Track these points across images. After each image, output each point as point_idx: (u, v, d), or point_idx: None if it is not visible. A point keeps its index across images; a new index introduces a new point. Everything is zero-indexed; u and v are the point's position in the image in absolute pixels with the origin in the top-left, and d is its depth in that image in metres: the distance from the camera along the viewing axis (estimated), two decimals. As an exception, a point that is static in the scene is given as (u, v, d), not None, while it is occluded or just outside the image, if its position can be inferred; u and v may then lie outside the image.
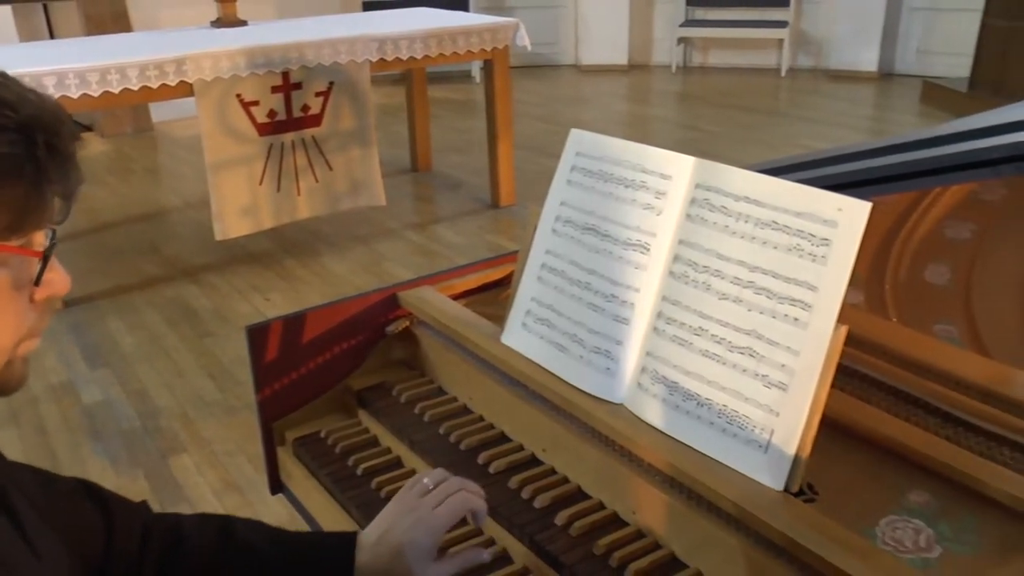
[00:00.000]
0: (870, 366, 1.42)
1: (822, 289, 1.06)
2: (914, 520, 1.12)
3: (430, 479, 1.21)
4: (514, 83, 5.49)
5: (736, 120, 7.50)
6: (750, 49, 9.42)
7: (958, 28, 7.97)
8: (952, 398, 1.33)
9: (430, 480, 1.21)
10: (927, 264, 1.91)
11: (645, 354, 1.23)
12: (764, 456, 1.09)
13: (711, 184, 1.20)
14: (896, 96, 8.26)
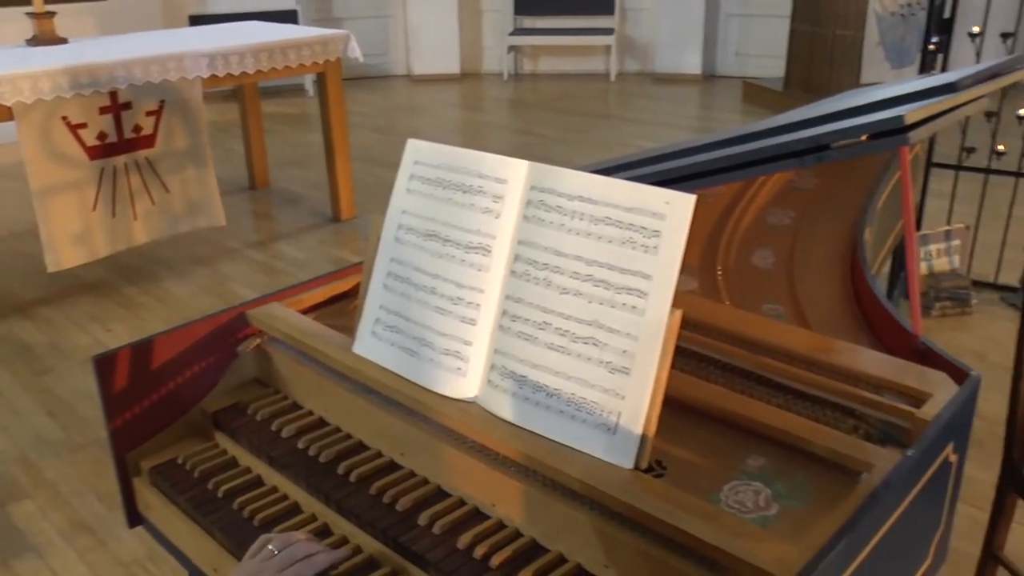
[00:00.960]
0: (708, 347, 1.52)
1: (656, 277, 1.13)
2: (754, 483, 1.22)
3: (275, 544, 1.22)
4: (348, 95, 5.48)
5: (569, 124, 7.71)
6: (579, 55, 9.71)
7: (771, 32, 8.49)
8: (781, 369, 1.44)
9: (275, 545, 1.22)
10: (754, 250, 2.05)
11: (493, 352, 1.28)
12: (613, 438, 1.15)
13: (545, 185, 1.26)
14: (719, 96, 8.70)
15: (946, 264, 4.20)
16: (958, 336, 3.95)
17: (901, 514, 1.20)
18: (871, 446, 1.24)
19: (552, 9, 9.43)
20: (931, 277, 4.17)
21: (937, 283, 4.13)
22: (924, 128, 1.18)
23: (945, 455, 1.31)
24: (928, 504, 1.32)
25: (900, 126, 1.11)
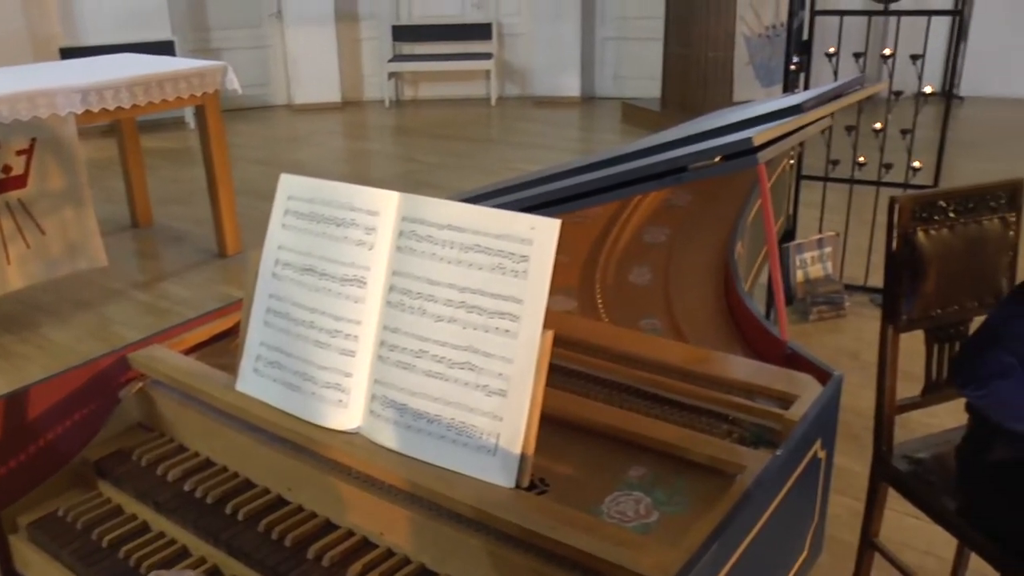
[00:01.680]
0: (588, 364, 1.57)
1: (526, 301, 1.17)
2: (634, 492, 1.27)
3: None
4: (229, 127, 5.41)
5: (452, 149, 7.77)
6: (459, 81, 9.79)
7: (646, 55, 8.75)
8: (658, 382, 1.50)
9: None
10: (631, 267, 2.12)
11: (374, 382, 1.30)
12: (494, 459, 1.18)
13: (416, 216, 1.28)
14: (599, 117, 8.90)
15: (820, 270, 4.39)
16: (834, 337, 4.13)
17: (775, 510, 1.26)
18: (744, 449, 1.30)
19: (430, 35, 9.51)
20: (807, 283, 4.35)
21: (813, 289, 4.32)
22: (773, 148, 1.25)
23: (814, 451, 1.39)
24: (801, 499, 1.39)
25: (749, 147, 1.18)
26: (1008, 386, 1.72)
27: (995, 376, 1.73)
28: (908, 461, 2.17)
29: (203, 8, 9.11)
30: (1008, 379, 1.72)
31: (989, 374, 1.74)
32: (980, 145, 7.46)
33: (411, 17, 9.63)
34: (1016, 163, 6.84)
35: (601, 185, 1.29)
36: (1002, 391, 1.73)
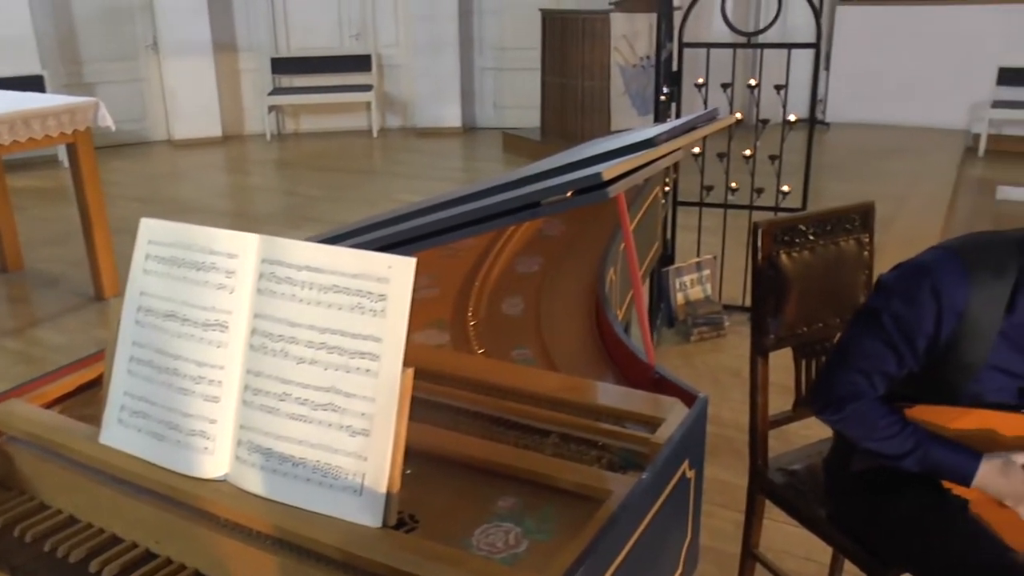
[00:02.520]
0: (458, 398, 1.58)
1: (385, 339, 1.18)
2: (504, 523, 1.28)
3: None
4: (105, 164, 5.25)
5: (334, 182, 7.73)
6: (340, 113, 9.75)
7: (525, 85, 8.88)
8: (528, 412, 1.53)
9: None
10: (504, 298, 2.14)
11: (239, 427, 1.28)
12: (360, 499, 1.18)
13: (275, 258, 1.28)
14: (480, 147, 8.99)
15: (700, 292, 4.52)
16: (715, 356, 4.25)
17: (644, 530, 1.29)
18: (611, 474, 1.33)
19: (310, 68, 9.45)
20: (688, 305, 4.47)
21: (693, 310, 4.44)
22: (624, 181, 1.29)
23: (682, 471, 1.43)
24: (672, 518, 1.43)
25: (599, 182, 1.22)
26: (861, 407, 1.80)
27: (848, 399, 1.80)
28: (783, 473, 2.25)
29: (74, 40, 8.81)
30: (860, 400, 1.80)
31: (842, 397, 1.81)
32: (845, 168, 7.81)
33: (290, 49, 9.55)
34: (878, 184, 7.20)
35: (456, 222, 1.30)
36: (856, 413, 1.81)
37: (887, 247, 1.93)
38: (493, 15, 9.43)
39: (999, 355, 1.70)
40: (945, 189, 7.14)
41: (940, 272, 1.68)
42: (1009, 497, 1.71)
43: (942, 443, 1.75)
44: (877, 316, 1.75)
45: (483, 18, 9.50)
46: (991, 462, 1.71)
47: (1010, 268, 1.66)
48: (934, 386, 1.77)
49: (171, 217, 1.48)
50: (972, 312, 1.66)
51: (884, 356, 1.75)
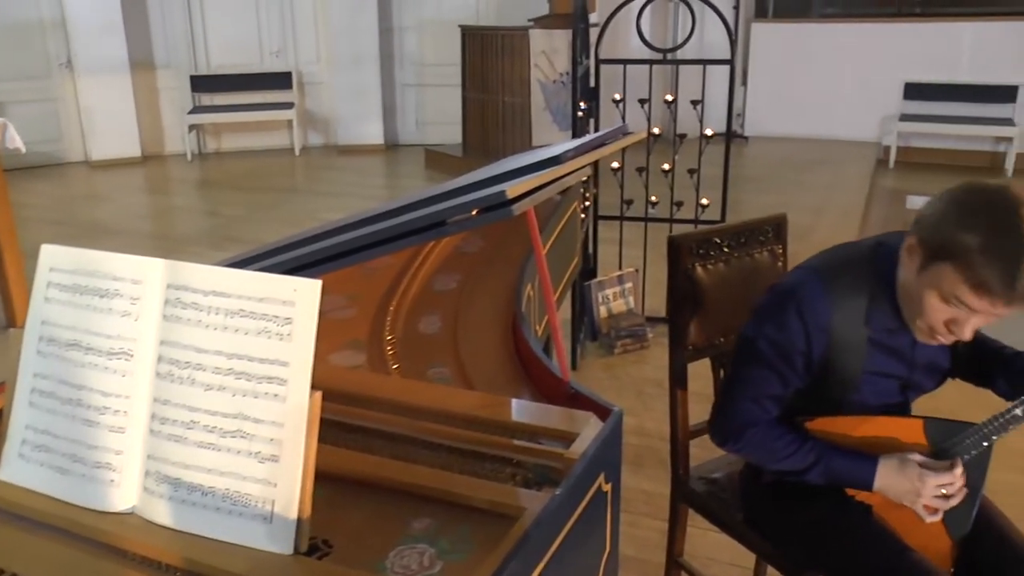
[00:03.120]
0: (372, 419, 1.56)
1: (293, 363, 1.17)
2: (419, 544, 1.27)
3: None
4: (17, 186, 5.10)
5: (257, 201, 7.63)
6: (262, 131, 9.64)
7: (446, 101, 8.88)
8: (443, 431, 1.52)
9: None
10: (421, 317, 2.14)
11: (147, 458, 1.25)
12: (270, 527, 1.16)
13: (180, 283, 1.26)
14: (403, 164, 8.98)
15: (623, 305, 4.57)
16: (640, 368, 4.29)
17: (560, 545, 1.30)
18: (526, 491, 1.34)
19: (230, 85, 9.33)
20: (611, 318, 4.52)
21: (617, 323, 4.48)
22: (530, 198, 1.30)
23: (597, 485, 1.44)
24: (589, 531, 1.44)
25: (504, 200, 1.23)
26: (759, 432, 1.86)
27: (744, 427, 1.86)
28: (704, 482, 2.29)
29: (-16, 58, 8.57)
30: (756, 427, 1.85)
31: (738, 427, 1.87)
32: (765, 180, 7.99)
33: (209, 66, 9.41)
34: (796, 196, 7.38)
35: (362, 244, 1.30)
36: (755, 440, 1.86)
37: (805, 256, 1.98)
38: (413, 31, 9.44)
39: (873, 362, 1.79)
40: (859, 199, 7.35)
41: (802, 294, 1.76)
42: (906, 495, 1.77)
43: (841, 453, 1.81)
44: (754, 343, 1.82)
45: (403, 34, 9.50)
46: (888, 463, 1.78)
47: (863, 284, 1.75)
48: (822, 399, 1.85)
49: (89, 240, 1.45)
50: (837, 328, 1.75)
51: (768, 380, 1.82)
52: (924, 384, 1.89)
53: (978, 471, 1.79)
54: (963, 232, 1.52)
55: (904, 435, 1.81)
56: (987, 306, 1.54)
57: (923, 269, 1.61)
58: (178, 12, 9.21)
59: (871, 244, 1.81)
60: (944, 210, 1.58)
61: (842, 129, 9.43)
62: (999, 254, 1.49)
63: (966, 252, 1.51)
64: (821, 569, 1.90)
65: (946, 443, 1.78)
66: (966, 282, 1.53)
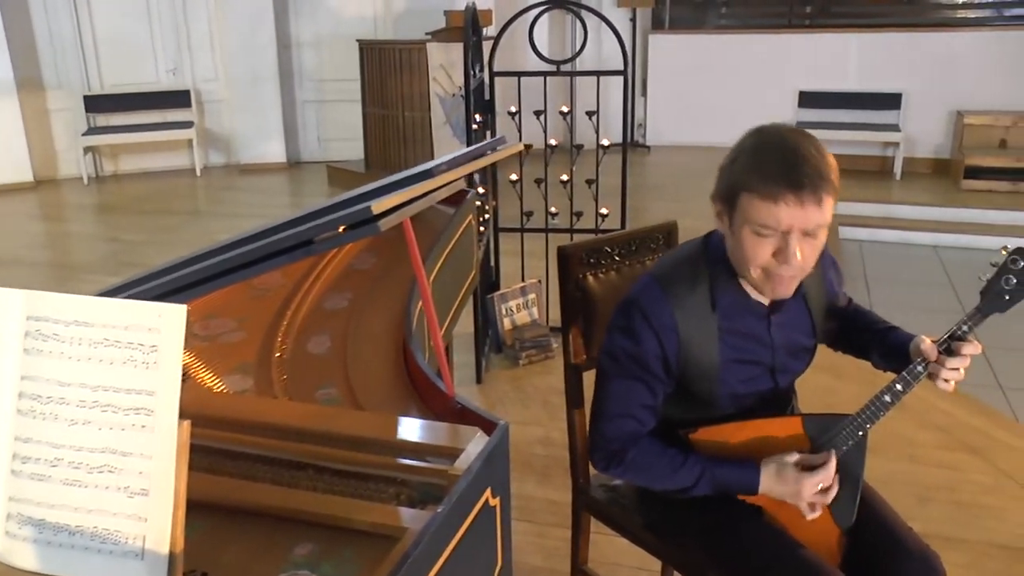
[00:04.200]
0: (255, 444, 1.54)
1: (160, 392, 1.14)
2: (301, 571, 1.25)
3: None
4: None
5: (158, 225, 7.44)
6: (161, 151, 9.40)
7: (347, 117, 8.77)
8: (326, 454, 1.50)
9: None
10: (311, 337, 2.11)
11: (8, 500, 1.21)
12: (142, 563, 1.13)
13: (41, 314, 1.21)
14: (306, 182, 8.87)
15: (527, 316, 4.59)
16: (545, 379, 4.31)
17: (446, 562, 1.29)
18: (408, 510, 1.33)
19: (126, 105, 9.05)
20: (515, 330, 4.53)
21: (521, 334, 4.50)
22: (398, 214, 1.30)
23: (484, 500, 1.44)
24: (476, 547, 1.44)
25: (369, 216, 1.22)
26: (640, 452, 1.88)
27: (625, 447, 1.88)
28: (605, 489, 2.31)
29: None
30: (637, 443, 1.87)
31: (619, 449, 1.89)
32: (667, 189, 8.13)
33: (103, 86, 9.12)
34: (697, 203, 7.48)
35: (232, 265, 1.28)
36: (637, 460, 1.88)
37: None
38: (311, 47, 9.34)
39: (729, 349, 1.83)
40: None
41: (643, 301, 1.81)
42: (789, 497, 1.82)
43: (724, 463, 1.84)
44: (613, 358, 1.86)
45: (301, 50, 9.39)
46: (768, 469, 1.82)
47: (702, 272, 1.81)
48: (693, 399, 1.88)
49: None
50: (683, 324, 1.79)
51: (635, 390, 1.85)
52: (791, 366, 1.93)
53: (857, 460, 1.84)
54: (738, 166, 1.64)
55: (785, 434, 1.86)
56: (789, 213, 1.60)
57: (731, 221, 1.69)
58: (67, 31, 8.91)
59: (702, 237, 1.89)
60: (721, 165, 1.70)
61: (740, 137, 9.64)
62: (769, 158, 1.61)
63: (746, 178, 1.62)
64: (719, 570, 1.93)
65: (824, 437, 1.83)
66: (760, 199, 1.61)
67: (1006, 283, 1.68)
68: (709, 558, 1.95)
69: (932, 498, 3.29)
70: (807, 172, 1.58)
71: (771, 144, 1.62)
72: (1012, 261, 1.68)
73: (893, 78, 9.06)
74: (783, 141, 1.62)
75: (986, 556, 2.99)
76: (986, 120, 8.82)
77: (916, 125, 9.12)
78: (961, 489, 3.38)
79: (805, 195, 1.58)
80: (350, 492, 1.39)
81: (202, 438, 1.52)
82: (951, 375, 1.73)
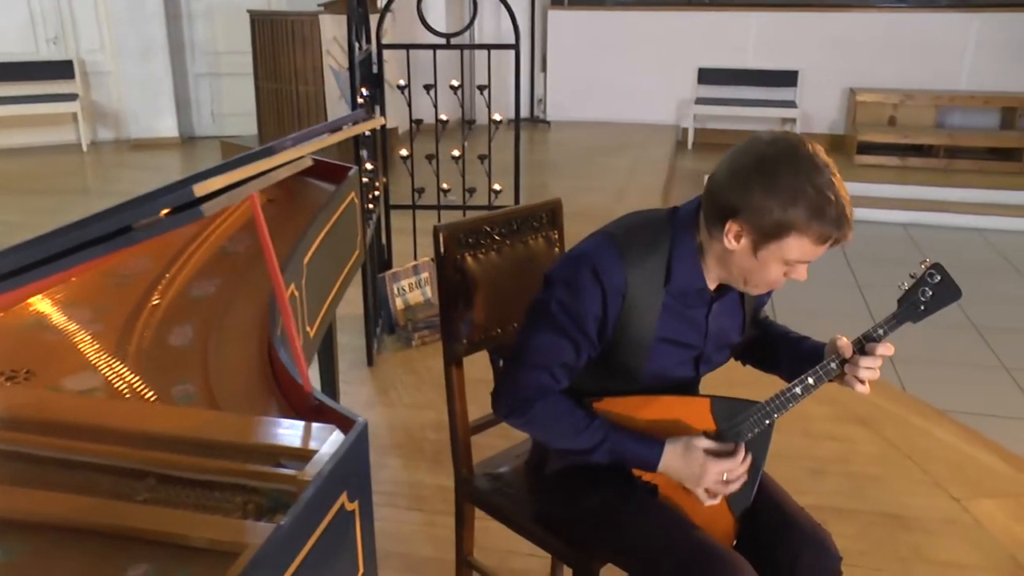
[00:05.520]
0: (91, 453, 1.40)
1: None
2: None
3: None
4: None
5: (39, 206, 7.05)
6: (43, 126, 8.90)
7: (242, 91, 8.44)
8: (169, 460, 1.37)
9: None
10: (173, 328, 1.97)
11: None
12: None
13: None
14: (199, 159, 8.54)
15: (419, 296, 4.48)
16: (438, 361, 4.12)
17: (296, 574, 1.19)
18: (252, 522, 1.22)
19: (2, 75, 8.54)
20: (407, 310, 4.42)
21: (413, 315, 4.39)
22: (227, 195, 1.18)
23: (339, 505, 1.33)
24: (332, 555, 1.33)
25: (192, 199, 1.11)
26: (547, 406, 1.81)
27: (533, 398, 1.81)
28: (489, 478, 2.24)
29: None
30: (546, 398, 1.80)
31: (527, 397, 1.82)
32: (568, 165, 8.09)
33: (-23, 55, 8.61)
34: (599, 179, 7.51)
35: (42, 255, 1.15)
36: (542, 413, 1.82)
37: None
38: (202, 18, 8.98)
39: (666, 327, 1.78)
40: (660, 180, 7.56)
41: (597, 257, 1.72)
42: (688, 480, 1.79)
43: (628, 433, 1.80)
44: (546, 308, 1.77)
45: (192, 21, 9.03)
46: (674, 447, 1.78)
47: (662, 242, 1.74)
48: (615, 370, 1.82)
49: None
50: (633, 290, 1.72)
51: (560, 347, 1.77)
52: (715, 358, 1.90)
53: (760, 448, 1.83)
54: (788, 207, 1.55)
55: (691, 415, 1.82)
56: (830, 246, 1.62)
57: (760, 248, 1.63)
58: (-66, -3, 8.41)
59: (668, 209, 1.81)
60: (751, 187, 1.59)
61: (642, 113, 9.69)
62: (826, 204, 1.55)
63: (801, 222, 1.56)
64: (613, 559, 1.89)
65: (731, 422, 1.80)
66: (812, 243, 1.59)
67: (922, 295, 1.72)
68: (601, 547, 1.90)
69: (825, 471, 3.33)
70: (850, 215, 1.59)
71: (825, 185, 1.56)
72: (929, 275, 1.72)
73: (790, 56, 9.21)
74: (832, 184, 1.57)
75: (873, 525, 3.05)
76: (877, 98, 9.05)
77: (812, 102, 9.31)
78: (852, 461, 3.44)
79: (850, 227, 1.60)
80: (193, 503, 1.27)
81: (32, 446, 1.38)
82: (865, 374, 1.74)
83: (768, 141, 1.60)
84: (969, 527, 3.07)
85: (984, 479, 3.37)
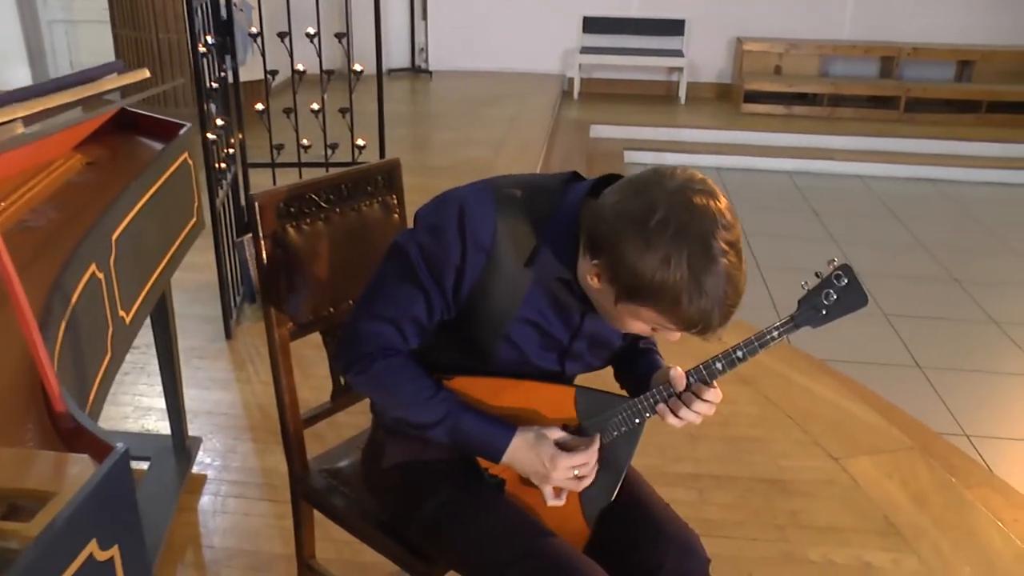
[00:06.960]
0: None
1: None
2: None
3: None
4: None
5: None
6: None
7: (99, 39, 7.84)
8: None
9: None
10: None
11: None
12: None
13: None
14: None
15: (284, 260, 4.19)
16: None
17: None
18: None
19: None
20: (270, 277, 4.13)
21: (277, 282, 4.10)
22: None
23: (85, 557, 1.08)
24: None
25: None
26: (389, 366, 1.58)
27: (377, 354, 1.58)
28: (325, 475, 2.03)
29: None
30: (391, 356, 1.58)
31: (368, 353, 1.59)
32: (449, 116, 7.82)
33: None
34: (481, 130, 7.26)
35: None
36: (385, 371, 1.58)
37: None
38: (50, -46, 8.32)
39: (532, 308, 1.56)
40: (544, 131, 7.36)
41: (469, 203, 1.50)
42: (535, 475, 1.60)
43: (476, 414, 1.59)
44: (404, 252, 1.55)
45: (40, -41, 8.35)
46: (524, 436, 1.58)
47: (542, 219, 1.51)
48: (468, 345, 1.60)
49: None
50: (499, 249, 1.50)
51: (413, 299, 1.54)
52: (587, 358, 1.68)
53: (626, 448, 1.65)
54: (655, 276, 1.32)
55: (551, 405, 1.63)
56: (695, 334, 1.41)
57: (620, 301, 1.41)
58: None
59: (561, 181, 1.56)
60: (627, 236, 1.34)
61: (527, 62, 9.45)
62: (695, 296, 1.32)
63: (664, 302, 1.35)
64: (455, 566, 1.70)
65: (595, 418, 1.62)
66: (674, 323, 1.39)
67: (826, 298, 1.49)
68: (441, 550, 1.71)
69: (704, 435, 3.23)
70: (722, 317, 1.37)
71: (705, 272, 1.31)
72: (836, 277, 1.48)
73: (676, 5, 9.10)
74: (718, 274, 1.32)
75: (750, 492, 2.98)
76: (763, 47, 9.03)
77: (699, 51, 9.23)
78: (732, 424, 3.36)
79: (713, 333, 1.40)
80: None
81: None
82: (690, 416, 1.57)
83: (670, 191, 1.33)
84: (847, 487, 3.02)
85: (861, 435, 3.34)
